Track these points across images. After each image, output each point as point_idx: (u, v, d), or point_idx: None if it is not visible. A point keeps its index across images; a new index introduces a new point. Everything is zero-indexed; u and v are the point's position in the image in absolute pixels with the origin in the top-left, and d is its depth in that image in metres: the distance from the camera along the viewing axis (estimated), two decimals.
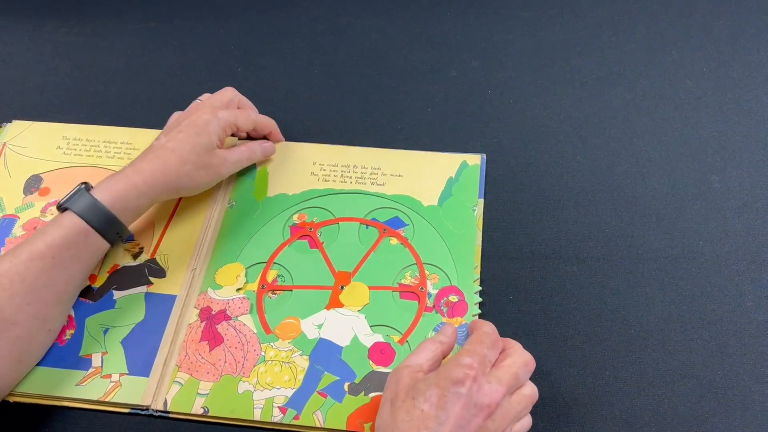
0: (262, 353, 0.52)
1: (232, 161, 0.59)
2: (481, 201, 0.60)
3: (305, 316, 0.54)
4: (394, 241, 0.58)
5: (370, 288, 0.55)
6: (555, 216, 0.59)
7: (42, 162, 0.65)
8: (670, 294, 0.54)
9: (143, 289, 0.56)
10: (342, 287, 0.55)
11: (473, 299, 0.54)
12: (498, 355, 0.46)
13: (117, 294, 0.56)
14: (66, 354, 0.53)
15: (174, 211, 0.61)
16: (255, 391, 0.50)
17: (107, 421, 0.51)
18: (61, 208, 0.52)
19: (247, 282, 0.56)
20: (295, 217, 0.60)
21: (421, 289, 0.55)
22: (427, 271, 0.56)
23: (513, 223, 0.59)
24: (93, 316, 0.55)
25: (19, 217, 0.61)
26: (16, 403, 0.51)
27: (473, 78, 0.70)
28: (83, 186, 0.53)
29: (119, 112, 0.70)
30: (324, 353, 0.52)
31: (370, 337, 0.53)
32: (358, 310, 0.54)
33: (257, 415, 0.49)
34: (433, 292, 0.55)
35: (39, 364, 0.52)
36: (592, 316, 0.54)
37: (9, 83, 0.75)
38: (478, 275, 0.55)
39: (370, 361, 0.51)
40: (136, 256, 0.58)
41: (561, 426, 0.49)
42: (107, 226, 0.52)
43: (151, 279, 0.57)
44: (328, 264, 0.57)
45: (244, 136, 0.64)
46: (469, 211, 0.59)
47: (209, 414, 0.50)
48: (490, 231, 0.58)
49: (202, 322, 0.54)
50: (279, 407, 0.49)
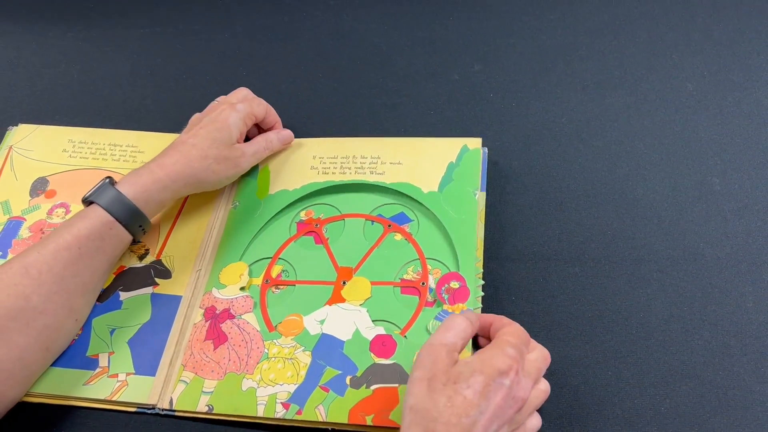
0: (266, 350, 0.53)
1: (251, 153, 0.61)
2: (483, 194, 0.59)
3: (308, 313, 0.54)
4: (399, 237, 0.58)
5: (372, 283, 0.55)
6: (557, 218, 0.60)
7: (48, 165, 0.66)
8: (671, 295, 0.54)
9: (149, 289, 0.57)
10: (344, 282, 0.56)
11: (475, 282, 0.54)
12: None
13: (123, 295, 0.57)
14: (73, 354, 0.53)
15: (179, 214, 0.62)
16: (258, 387, 0.51)
17: (114, 420, 0.51)
18: (87, 201, 0.54)
19: (251, 277, 0.57)
20: (302, 213, 0.61)
21: (423, 284, 0.55)
22: (429, 266, 0.55)
23: (515, 225, 0.59)
24: (100, 317, 0.55)
25: (25, 219, 0.62)
26: (23, 402, 0.52)
27: (475, 81, 0.71)
28: (107, 180, 0.55)
29: (125, 116, 0.71)
30: (326, 348, 0.52)
31: (371, 330, 0.53)
32: (360, 304, 0.54)
33: (260, 412, 0.50)
34: (434, 286, 0.54)
35: None
36: (593, 317, 0.54)
37: (16, 87, 0.75)
38: (481, 257, 0.55)
39: (372, 354, 0.52)
40: (141, 258, 0.59)
41: (563, 426, 0.49)
42: (131, 218, 0.54)
43: (157, 280, 0.57)
44: (332, 260, 0.57)
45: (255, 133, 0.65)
46: (470, 195, 0.58)
47: (214, 412, 0.50)
48: (492, 232, 0.59)
49: (206, 321, 0.55)
50: (282, 403, 0.50)
